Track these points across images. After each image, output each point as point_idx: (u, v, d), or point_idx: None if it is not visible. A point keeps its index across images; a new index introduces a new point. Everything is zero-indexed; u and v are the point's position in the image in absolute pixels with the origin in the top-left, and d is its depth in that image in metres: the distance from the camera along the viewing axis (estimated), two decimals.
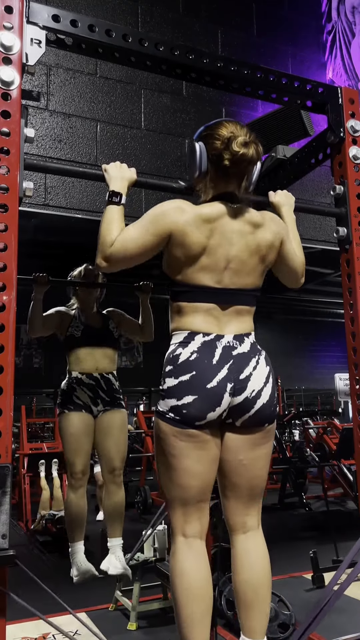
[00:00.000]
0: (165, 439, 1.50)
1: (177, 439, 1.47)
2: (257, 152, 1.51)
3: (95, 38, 1.78)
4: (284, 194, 1.95)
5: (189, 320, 1.53)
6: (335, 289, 9.03)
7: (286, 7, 3.93)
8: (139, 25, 3.26)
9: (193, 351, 1.48)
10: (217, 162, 1.51)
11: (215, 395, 1.46)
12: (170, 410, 1.47)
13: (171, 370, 1.50)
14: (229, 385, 1.48)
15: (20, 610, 1.46)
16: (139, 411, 8.51)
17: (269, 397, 1.54)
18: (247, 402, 1.50)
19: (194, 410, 1.45)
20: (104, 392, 2.78)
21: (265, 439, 1.58)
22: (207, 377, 1.46)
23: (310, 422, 8.05)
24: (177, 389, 1.47)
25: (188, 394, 1.45)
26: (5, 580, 1.39)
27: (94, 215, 2.94)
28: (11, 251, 1.49)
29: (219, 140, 1.50)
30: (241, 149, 1.47)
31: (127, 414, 2.90)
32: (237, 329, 1.55)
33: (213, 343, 1.50)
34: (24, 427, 6.59)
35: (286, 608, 2.81)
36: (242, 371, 1.50)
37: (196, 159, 1.53)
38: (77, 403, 2.74)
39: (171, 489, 1.52)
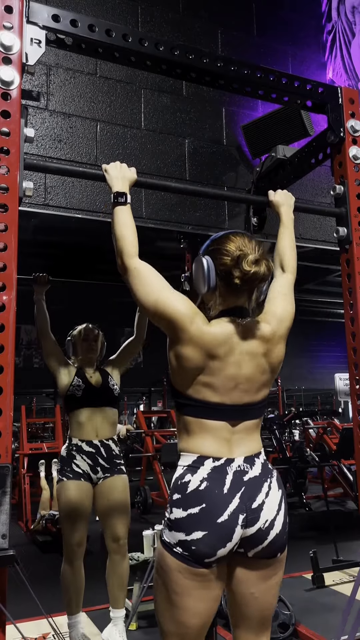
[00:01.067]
0: (168, 574, 1.40)
1: (182, 575, 1.38)
2: (268, 268, 1.43)
3: (95, 38, 1.78)
4: (283, 193, 1.95)
5: (198, 443, 1.44)
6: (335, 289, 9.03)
7: (286, 7, 3.92)
8: (139, 25, 3.26)
9: (203, 478, 1.40)
10: (226, 278, 1.44)
11: (227, 530, 1.37)
12: (178, 544, 1.38)
13: (179, 500, 1.40)
14: (240, 517, 1.39)
15: (20, 610, 1.46)
16: (139, 411, 8.51)
17: (282, 525, 1.45)
18: (260, 534, 1.42)
19: (203, 547, 1.36)
20: (103, 460, 2.71)
21: (278, 568, 1.51)
22: (218, 510, 1.37)
23: (310, 422, 8.06)
24: (185, 522, 1.37)
25: (197, 529, 1.36)
26: (5, 580, 1.39)
27: (94, 215, 2.94)
28: (11, 251, 1.49)
29: (227, 257, 1.43)
30: (252, 267, 1.39)
31: (127, 479, 2.80)
32: (247, 450, 1.47)
33: (223, 469, 1.41)
34: (24, 427, 6.59)
35: (286, 608, 2.81)
36: (255, 499, 1.41)
37: (204, 275, 1.46)
38: (76, 471, 2.66)
39: (169, 624, 1.43)
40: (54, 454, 5.89)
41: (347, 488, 5.77)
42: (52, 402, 13.25)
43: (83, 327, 2.93)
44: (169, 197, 3.12)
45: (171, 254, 4.11)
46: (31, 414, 10.74)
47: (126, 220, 1.55)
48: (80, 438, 2.72)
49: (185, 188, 2.45)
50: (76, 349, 2.90)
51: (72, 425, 2.77)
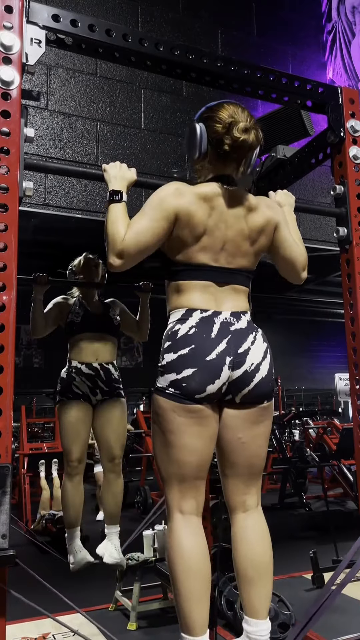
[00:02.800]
0: (163, 415, 1.48)
1: (176, 414, 1.46)
2: (257, 137, 1.51)
3: (95, 38, 1.78)
4: (284, 193, 1.95)
5: (186, 298, 1.54)
6: (335, 289, 9.03)
7: (286, 7, 3.93)
8: (139, 25, 3.26)
9: (191, 326, 1.49)
10: (217, 145, 1.51)
11: (215, 368, 1.46)
12: (169, 385, 1.47)
13: (170, 346, 1.49)
14: (228, 358, 1.47)
15: (20, 610, 1.46)
16: (139, 411, 8.51)
17: (267, 371, 1.54)
18: (246, 376, 1.50)
19: (193, 383, 1.44)
20: (102, 382, 2.78)
21: (264, 416, 1.57)
22: (206, 350, 1.46)
23: (310, 422, 8.06)
24: (176, 363, 1.46)
25: (188, 367, 1.45)
26: (5, 580, 1.39)
27: (94, 215, 2.94)
28: (11, 251, 1.49)
29: (219, 124, 1.50)
30: (242, 135, 1.47)
31: (126, 403, 2.90)
32: (234, 306, 1.55)
33: (211, 319, 1.51)
34: (24, 427, 6.59)
35: (286, 608, 2.81)
36: (241, 345, 1.50)
37: (196, 140, 1.52)
38: (76, 392, 2.74)
39: (168, 465, 1.50)
40: (54, 454, 5.89)
41: (347, 488, 5.76)
42: (52, 402, 13.25)
43: (82, 256, 2.99)
44: None
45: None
46: (31, 414, 10.74)
47: (119, 215, 1.55)
48: (79, 360, 2.78)
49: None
50: (77, 277, 2.95)
51: (72, 349, 2.83)
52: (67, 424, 2.73)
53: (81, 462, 2.76)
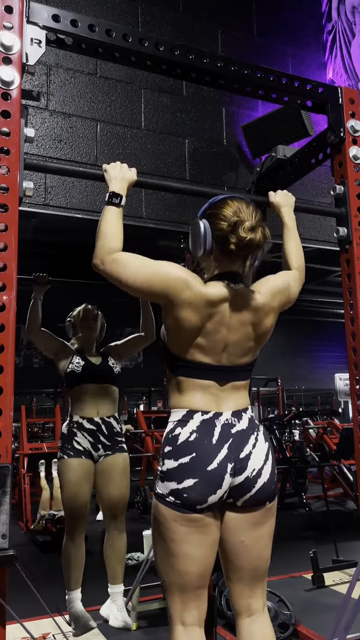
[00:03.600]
0: (164, 523, 1.44)
1: (178, 523, 1.42)
2: (264, 235, 1.45)
3: (95, 38, 1.78)
4: (283, 194, 1.95)
5: (187, 398, 1.50)
6: (335, 289, 9.03)
7: (286, 7, 3.93)
8: (139, 25, 3.26)
9: (192, 431, 1.45)
10: (222, 243, 1.46)
11: (216, 477, 1.42)
12: (170, 494, 1.43)
13: (170, 452, 1.45)
14: (229, 465, 1.44)
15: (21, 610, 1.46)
16: (139, 411, 8.51)
17: (270, 474, 1.50)
18: (248, 482, 1.46)
19: (195, 494, 1.41)
20: (104, 437, 2.73)
21: (267, 517, 1.53)
22: (208, 458, 1.43)
23: (310, 422, 8.05)
24: (177, 471, 1.42)
25: (189, 477, 1.41)
26: (5, 580, 1.39)
27: (94, 215, 2.94)
28: (11, 251, 1.49)
29: (224, 222, 1.45)
30: (248, 234, 1.41)
31: (128, 457, 2.83)
32: (234, 406, 1.52)
33: (212, 421, 1.47)
34: (24, 427, 6.59)
35: (286, 608, 2.81)
36: (242, 450, 1.47)
37: (201, 238, 1.48)
38: (77, 449, 2.68)
39: (169, 574, 1.47)
40: (54, 454, 5.88)
41: (347, 488, 5.76)
42: (52, 402, 13.25)
43: (82, 308, 2.97)
44: (169, 197, 3.12)
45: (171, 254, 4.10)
46: (31, 414, 10.74)
47: (113, 220, 1.52)
48: (81, 415, 2.74)
49: (185, 188, 2.45)
50: (76, 329, 2.93)
51: (73, 403, 2.79)
52: (68, 483, 2.66)
53: (82, 523, 2.69)
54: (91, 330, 2.90)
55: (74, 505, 2.65)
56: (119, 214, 1.55)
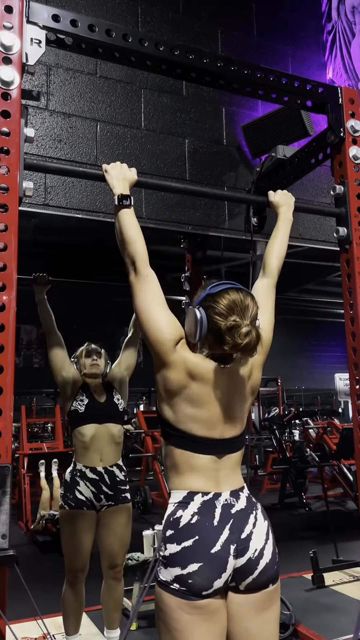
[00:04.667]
0: (169, 613, 1.38)
1: (184, 612, 1.36)
2: (257, 335, 1.43)
3: (95, 38, 1.78)
4: (283, 193, 1.95)
5: (187, 480, 1.48)
6: (335, 289, 9.03)
7: (286, 7, 3.92)
8: (139, 25, 3.26)
9: (194, 512, 1.43)
10: (217, 337, 1.45)
11: (221, 560, 1.39)
12: (175, 581, 1.37)
13: (172, 535, 1.42)
14: (232, 547, 1.41)
15: (20, 610, 1.46)
16: (139, 411, 8.51)
17: (272, 554, 1.47)
18: (250, 563, 1.43)
19: (200, 579, 1.36)
20: (107, 487, 2.69)
21: (271, 601, 1.47)
22: (211, 540, 1.40)
23: (310, 422, 8.06)
24: (180, 556, 1.39)
25: (193, 562, 1.37)
26: (5, 579, 1.39)
27: (94, 215, 2.94)
28: (11, 251, 1.49)
29: (221, 320, 1.44)
30: (243, 340, 1.40)
31: (131, 507, 2.80)
32: (232, 485, 1.50)
33: (212, 503, 1.45)
34: (24, 427, 6.59)
35: (286, 608, 2.81)
36: (243, 530, 1.44)
37: (197, 327, 1.47)
38: (80, 499, 2.64)
39: None
40: (54, 454, 5.89)
41: (347, 488, 5.76)
42: (52, 402, 13.24)
43: (84, 347, 2.93)
44: (169, 197, 3.12)
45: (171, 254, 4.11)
46: (31, 414, 10.73)
47: (133, 223, 1.55)
48: (84, 464, 2.70)
49: (185, 188, 2.45)
50: (80, 367, 2.88)
51: (77, 448, 2.75)
52: (69, 536, 2.63)
53: (83, 572, 2.66)
54: (95, 367, 2.85)
55: (75, 558, 2.63)
56: (133, 214, 1.57)
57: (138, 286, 1.51)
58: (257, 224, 2.74)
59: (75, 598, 2.66)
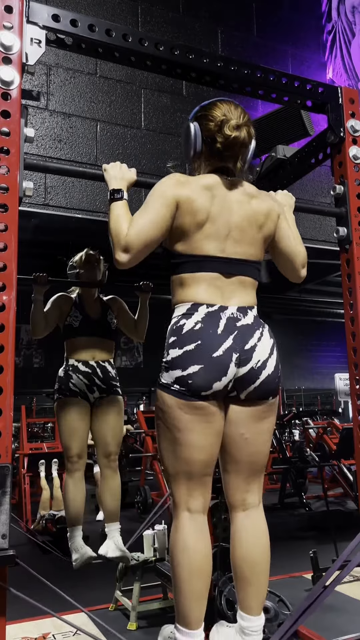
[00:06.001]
0: (169, 412, 1.46)
1: (182, 411, 1.44)
2: (249, 134, 1.53)
3: (95, 38, 1.78)
4: (284, 194, 1.95)
5: (192, 292, 1.51)
6: (335, 289, 9.03)
7: (286, 7, 3.92)
8: (139, 25, 3.26)
9: (197, 321, 1.47)
10: (210, 143, 1.53)
11: (221, 364, 1.44)
12: (175, 382, 1.45)
13: (175, 341, 1.47)
14: (234, 355, 1.45)
15: (21, 610, 1.46)
16: (139, 411, 8.50)
17: (274, 368, 1.52)
18: (252, 373, 1.48)
19: (199, 379, 1.42)
20: (100, 380, 2.78)
21: (268, 412, 1.56)
22: (213, 346, 1.44)
23: (310, 422, 8.05)
24: (182, 359, 1.44)
25: (193, 364, 1.43)
26: (5, 580, 1.39)
27: (94, 215, 2.94)
28: (11, 251, 1.49)
29: (212, 122, 1.52)
30: (233, 132, 1.49)
31: (123, 400, 2.91)
32: (240, 301, 1.53)
33: (217, 314, 1.48)
34: (24, 427, 6.59)
35: (286, 608, 2.81)
36: (247, 342, 1.48)
37: (191, 139, 1.55)
38: (74, 390, 2.74)
39: (175, 463, 1.49)
40: (54, 454, 5.89)
41: (347, 488, 5.76)
42: (52, 402, 13.24)
43: (84, 252, 2.97)
44: None
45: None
46: (31, 414, 10.74)
47: (120, 212, 1.55)
48: (76, 358, 2.79)
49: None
50: (78, 273, 2.93)
51: (68, 349, 2.84)
52: (65, 421, 2.74)
53: (81, 458, 2.76)
54: (93, 273, 2.91)
55: (72, 442, 2.72)
56: (124, 206, 1.57)
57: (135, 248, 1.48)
58: None
59: (75, 486, 2.76)
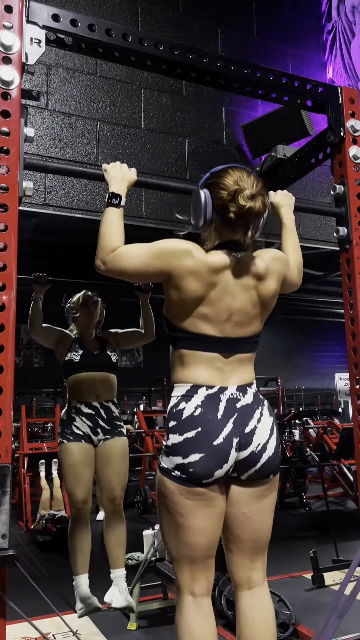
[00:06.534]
0: (171, 497, 1.45)
1: (184, 497, 1.43)
2: (263, 204, 1.46)
3: (95, 37, 1.78)
4: (283, 194, 1.95)
5: (191, 373, 1.49)
6: (335, 289, 9.02)
7: (286, 7, 3.92)
8: (139, 25, 3.26)
9: (197, 405, 1.45)
10: (222, 212, 1.47)
11: (222, 452, 1.43)
12: (176, 468, 1.43)
13: (175, 426, 1.45)
14: (234, 440, 1.45)
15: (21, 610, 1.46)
16: (139, 411, 8.50)
17: (274, 449, 1.51)
18: (253, 457, 1.47)
19: (200, 468, 1.41)
20: (103, 421, 2.73)
21: (270, 490, 1.55)
22: (213, 433, 1.43)
23: (310, 422, 8.05)
24: (182, 446, 1.43)
25: (194, 452, 1.41)
26: (5, 580, 1.39)
27: (94, 215, 2.94)
28: (11, 251, 1.49)
29: (224, 191, 1.45)
30: (247, 202, 1.41)
31: (127, 442, 2.85)
32: (240, 380, 1.52)
33: (217, 396, 1.47)
34: (24, 427, 6.58)
35: (286, 608, 2.81)
36: (247, 424, 1.47)
37: (201, 208, 1.48)
38: (77, 433, 2.69)
39: (178, 547, 1.48)
40: (54, 454, 5.88)
41: (347, 488, 5.76)
42: (52, 402, 13.24)
43: (81, 294, 2.96)
44: (169, 197, 3.12)
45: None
46: (31, 414, 10.73)
47: (114, 220, 1.54)
48: (79, 400, 2.75)
49: (185, 188, 2.44)
50: (75, 315, 2.92)
51: (71, 389, 2.80)
52: (69, 467, 2.68)
53: (86, 503, 2.70)
54: (90, 316, 2.90)
55: (77, 488, 2.67)
56: (119, 214, 1.56)
57: (114, 264, 1.47)
58: None
59: (80, 533, 2.70)
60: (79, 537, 2.71)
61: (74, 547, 2.72)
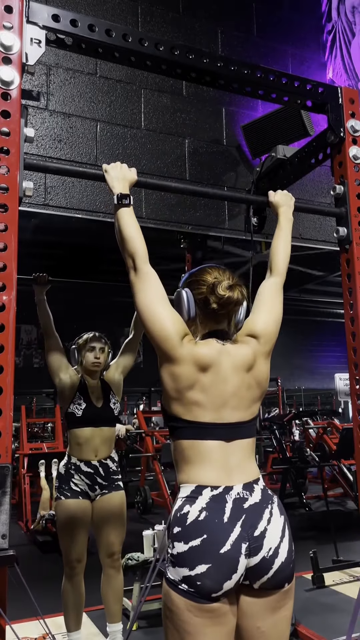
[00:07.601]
0: (178, 614, 1.34)
1: (192, 614, 1.32)
2: (241, 293, 1.53)
3: (95, 38, 1.78)
4: (283, 194, 1.95)
5: (195, 472, 1.44)
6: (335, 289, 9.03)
7: (286, 7, 3.92)
8: (139, 25, 3.26)
9: (202, 508, 1.37)
10: (204, 305, 1.53)
11: (230, 561, 1.33)
12: (182, 581, 1.33)
13: (180, 533, 1.37)
14: (243, 545, 1.35)
15: (20, 610, 1.46)
16: (139, 411, 8.51)
17: (287, 553, 1.41)
18: (264, 563, 1.37)
19: (209, 581, 1.31)
20: (101, 478, 2.72)
21: (285, 600, 1.42)
22: (220, 539, 1.34)
23: (310, 422, 8.06)
24: (188, 555, 1.34)
25: (201, 562, 1.32)
26: (5, 580, 1.40)
27: (94, 215, 2.94)
28: (11, 251, 1.49)
29: (204, 286, 1.53)
30: (226, 292, 1.49)
31: (125, 495, 2.82)
32: (245, 476, 1.45)
33: (222, 497, 1.39)
34: (24, 427, 6.59)
35: None
36: (256, 526, 1.39)
37: (184, 306, 1.54)
38: (75, 490, 2.66)
39: None
40: (54, 454, 5.89)
41: (347, 488, 5.77)
42: (52, 402, 13.25)
43: (90, 336, 2.88)
44: (169, 197, 3.12)
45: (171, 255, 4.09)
46: (31, 414, 10.75)
47: (132, 222, 1.56)
48: (79, 457, 2.72)
49: (185, 188, 2.45)
50: (81, 358, 2.86)
51: (72, 444, 2.76)
52: (65, 526, 2.64)
53: (81, 562, 2.66)
54: (96, 365, 2.83)
55: (72, 547, 2.62)
56: (132, 213, 1.58)
57: (139, 285, 1.51)
58: (257, 224, 2.74)
59: (74, 591, 2.65)
60: (74, 594, 2.66)
61: (67, 605, 2.67)
